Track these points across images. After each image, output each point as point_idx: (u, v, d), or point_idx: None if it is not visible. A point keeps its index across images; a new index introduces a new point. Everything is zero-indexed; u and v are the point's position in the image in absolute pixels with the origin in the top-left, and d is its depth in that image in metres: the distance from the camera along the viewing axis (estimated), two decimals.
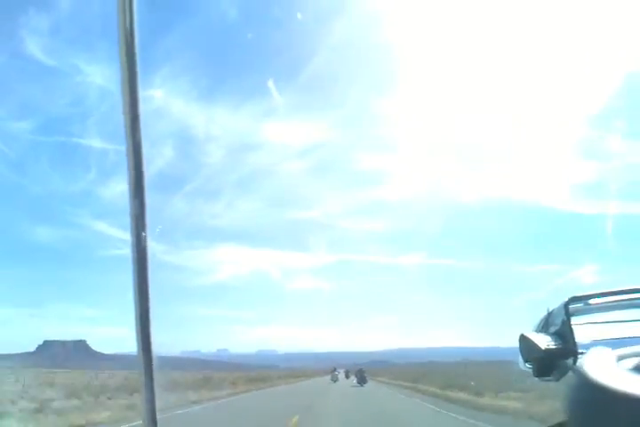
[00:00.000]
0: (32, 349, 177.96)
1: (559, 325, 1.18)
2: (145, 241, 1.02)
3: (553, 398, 12.00)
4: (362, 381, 39.62)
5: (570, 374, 1.12)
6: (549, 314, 1.25)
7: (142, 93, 1.01)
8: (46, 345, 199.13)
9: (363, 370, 41.99)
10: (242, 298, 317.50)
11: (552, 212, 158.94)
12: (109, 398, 21.59)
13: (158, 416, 1.12)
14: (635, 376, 0.53)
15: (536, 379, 1.19)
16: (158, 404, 1.11)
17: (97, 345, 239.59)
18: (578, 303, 1.19)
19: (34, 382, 26.65)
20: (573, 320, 1.15)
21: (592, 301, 1.20)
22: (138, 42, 1.00)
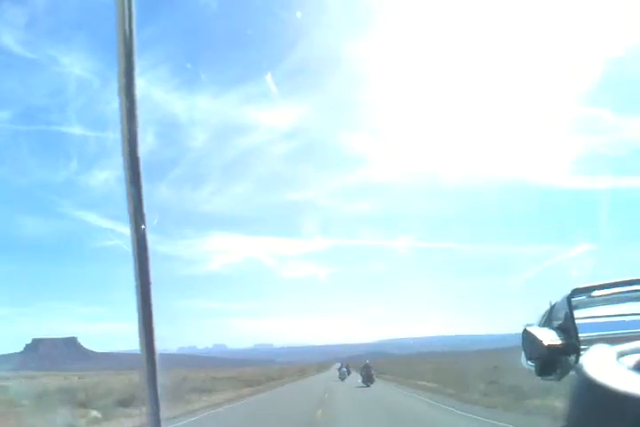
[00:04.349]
0: (20, 348, 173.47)
1: (562, 319, 1.18)
2: (145, 233, 1.02)
3: None
4: (368, 380, 31.82)
5: (572, 373, 1.12)
6: (552, 307, 1.25)
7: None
8: (35, 344, 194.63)
9: (369, 365, 33.55)
10: (236, 287, 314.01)
11: (544, 189, 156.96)
12: None
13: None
14: (635, 375, 0.53)
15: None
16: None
17: (88, 343, 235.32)
18: (580, 296, 1.19)
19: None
20: (576, 313, 1.16)
21: (595, 293, 1.20)
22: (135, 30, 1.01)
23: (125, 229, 1.02)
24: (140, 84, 1.02)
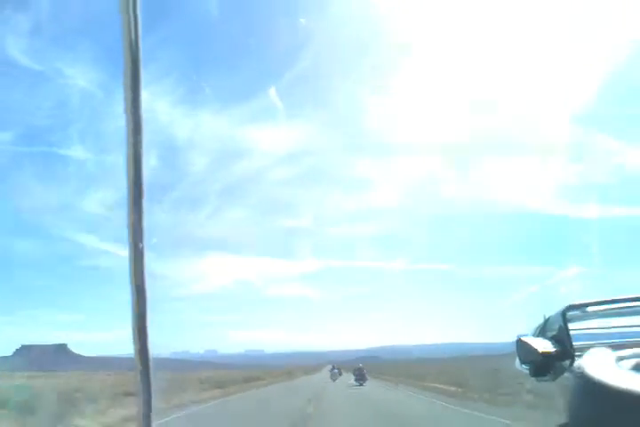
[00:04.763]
0: (9, 353, 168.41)
1: (556, 330, 1.19)
2: (142, 252, 1.01)
3: None
4: (361, 379, 34.97)
5: (566, 374, 1.13)
6: (546, 321, 1.25)
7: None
8: (24, 349, 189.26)
9: (362, 368, 36.66)
10: (229, 308, 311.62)
11: (537, 215, 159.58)
12: None
13: None
14: (635, 374, 0.55)
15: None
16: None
17: (79, 350, 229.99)
18: (575, 311, 1.20)
19: None
20: (570, 326, 1.16)
21: (588, 309, 1.21)
22: (140, 45, 1.00)
23: (117, 249, 1.11)
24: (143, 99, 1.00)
